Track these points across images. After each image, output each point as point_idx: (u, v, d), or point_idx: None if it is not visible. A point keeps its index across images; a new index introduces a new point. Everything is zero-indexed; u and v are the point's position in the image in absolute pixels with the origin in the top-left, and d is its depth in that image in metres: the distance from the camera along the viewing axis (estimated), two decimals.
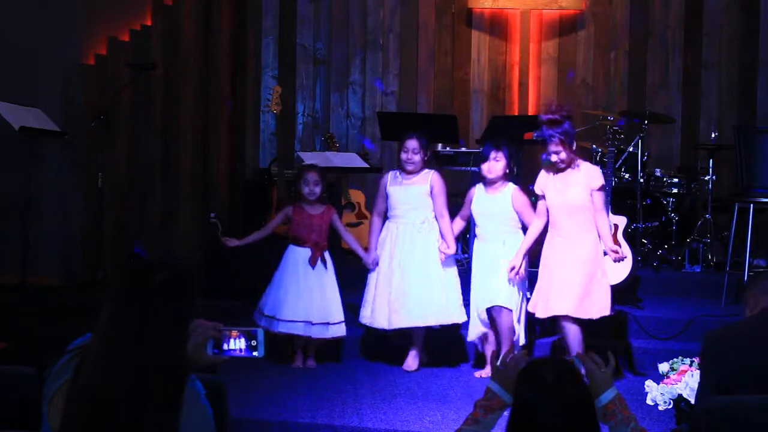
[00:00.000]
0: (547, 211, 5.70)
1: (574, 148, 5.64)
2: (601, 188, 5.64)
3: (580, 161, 5.67)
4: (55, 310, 6.05)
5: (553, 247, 5.68)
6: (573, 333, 5.58)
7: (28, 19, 6.77)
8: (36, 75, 6.71)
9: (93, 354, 2.40)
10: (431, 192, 6.01)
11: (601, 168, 6.05)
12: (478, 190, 6.01)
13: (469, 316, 6.00)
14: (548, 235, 5.74)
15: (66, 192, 6.77)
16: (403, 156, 6.06)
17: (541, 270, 5.74)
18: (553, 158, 5.60)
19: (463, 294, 6.07)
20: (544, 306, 5.67)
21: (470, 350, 6.20)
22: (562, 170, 5.64)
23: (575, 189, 5.60)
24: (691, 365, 4.60)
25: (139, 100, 7.32)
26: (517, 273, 5.73)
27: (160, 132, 7.65)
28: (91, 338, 2.46)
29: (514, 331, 5.81)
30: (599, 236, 5.61)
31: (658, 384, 4.57)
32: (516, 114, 8.79)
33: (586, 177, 5.61)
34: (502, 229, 5.91)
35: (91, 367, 2.38)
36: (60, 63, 6.78)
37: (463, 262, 6.81)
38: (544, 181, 5.73)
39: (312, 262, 6.07)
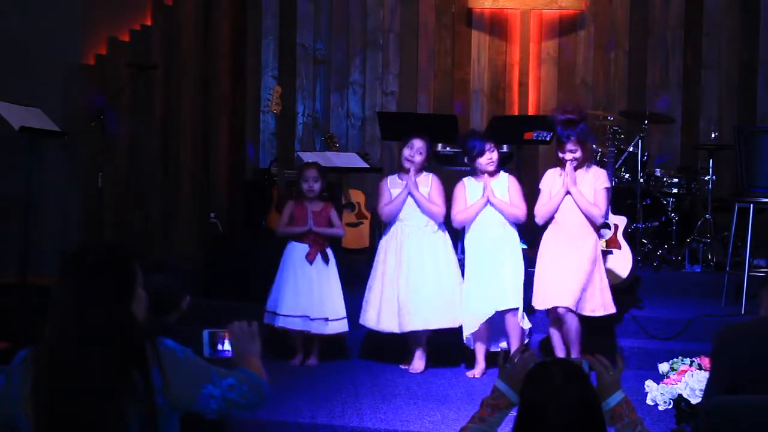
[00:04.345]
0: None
1: (587, 148, 5.75)
2: (606, 189, 5.75)
3: (589, 163, 5.82)
4: None
5: (556, 243, 5.75)
6: (574, 327, 5.64)
7: (28, 19, 6.77)
8: (36, 75, 6.72)
9: (48, 340, 2.53)
10: (430, 194, 5.98)
11: (600, 168, 6.10)
12: (469, 182, 5.98)
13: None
14: (549, 231, 5.81)
15: (66, 192, 6.77)
16: (406, 152, 5.99)
17: (540, 265, 5.79)
18: (569, 156, 5.65)
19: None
20: (542, 298, 5.74)
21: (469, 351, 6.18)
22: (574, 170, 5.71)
23: (584, 189, 5.70)
24: (691, 365, 4.59)
25: (139, 100, 7.33)
26: (489, 199, 5.81)
27: (160, 132, 7.65)
28: (46, 327, 2.57)
29: (522, 329, 5.83)
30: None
31: (658, 384, 4.56)
32: (516, 114, 8.79)
33: (594, 177, 5.75)
34: (500, 214, 5.90)
35: (47, 354, 2.50)
36: (60, 63, 6.78)
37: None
38: (551, 180, 5.79)
39: (309, 258, 6.07)
